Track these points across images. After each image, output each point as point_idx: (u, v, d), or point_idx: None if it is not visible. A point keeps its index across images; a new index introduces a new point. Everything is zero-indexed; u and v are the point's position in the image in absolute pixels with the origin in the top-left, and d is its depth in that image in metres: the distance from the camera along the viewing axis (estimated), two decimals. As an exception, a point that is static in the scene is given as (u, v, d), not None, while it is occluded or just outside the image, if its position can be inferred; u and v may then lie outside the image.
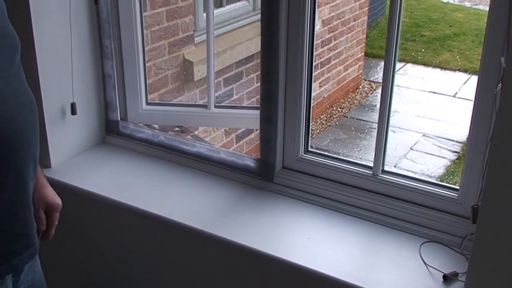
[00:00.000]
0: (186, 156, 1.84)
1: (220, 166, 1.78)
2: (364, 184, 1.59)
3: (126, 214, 1.68)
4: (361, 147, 4.46)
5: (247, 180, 1.73)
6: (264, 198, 1.67)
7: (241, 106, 3.27)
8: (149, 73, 2.99)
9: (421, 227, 1.51)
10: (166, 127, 2.41)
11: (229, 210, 1.63)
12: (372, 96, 5.32)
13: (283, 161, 1.71)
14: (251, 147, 3.87)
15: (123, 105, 1.96)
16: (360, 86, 5.50)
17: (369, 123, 4.84)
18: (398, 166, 4.15)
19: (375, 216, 1.56)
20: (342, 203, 1.60)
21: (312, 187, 1.65)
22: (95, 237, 1.81)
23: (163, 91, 3.18)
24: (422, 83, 5.42)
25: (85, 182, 1.75)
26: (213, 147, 1.83)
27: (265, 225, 1.56)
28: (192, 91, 3.38)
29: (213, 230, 1.54)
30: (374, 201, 1.57)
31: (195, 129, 3.21)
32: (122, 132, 1.95)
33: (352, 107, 5.14)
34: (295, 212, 1.61)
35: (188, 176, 1.79)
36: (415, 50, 6.01)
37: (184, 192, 1.71)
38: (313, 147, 1.71)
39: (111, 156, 1.90)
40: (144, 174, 1.81)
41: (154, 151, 1.89)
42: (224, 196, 1.68)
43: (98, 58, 1.87)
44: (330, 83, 5.04)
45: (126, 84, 1.93)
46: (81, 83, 1.85)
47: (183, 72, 3.29)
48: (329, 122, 4.90)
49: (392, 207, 1.55)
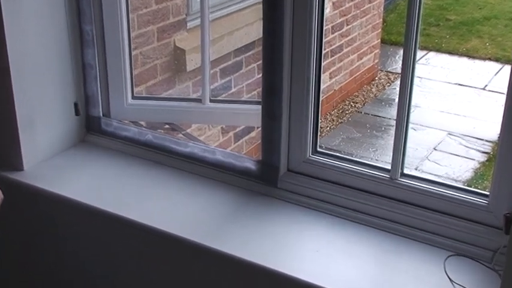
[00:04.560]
0: (178, 157, 1.84)
1: (216, 169, 1.78)
2: (380, 189, 1.59)
3: (108, 223, 1.68)
4: (377, 147, 4.46)
5: (247, 184, 1.73)
6: (266, 206, 1.67)
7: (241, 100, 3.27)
8: (135, 63, 2.99)
9: (445, 238, 1.50)
10: (154, 124, 2.41)
11: (226, 219, 1.63)
12: (389, 89, 5.32)
13: (288, 163, 1.71)
14: (251, 147, 3.87)
15: (106, 100, 1.96)
16: (376, 78, 5.49)
17: (386, 119, 4.84)
18: (420, 169, 4.15)
19: (392, 226, 1.56)
20: (355, 211, 1.60)
21: (321, 193, 1.65)
22: (73, 248, 1.82)
23: (152, 83, 3.18)
24: (447, 73, 5.42)
25: (62, 187, 1.75)
26: (208, 147, 1.84)
27: (268, 236, 1.56)
28: (184, 83, 3.38)
29: (209, 241, 1.54)
30: (392, 209, 1.57)
31: (188, 126, 3.21)
32: (104, 130, 1.96)
33: (367, 101, 5.14)
34: (301, 221, 1.61)
35: (180, 180, 1.79)
36: (439, 36, 6.01)
37: (175, 199, 1.71)
38: (323, 147, 1.71)
39: (92, 158, 1.90)
40: (130, 177, 1.81)
41: (141, 151, 1.89)
42: (221, 203, 1.68)
43: (77, 46, 1.87)
44: (342, 74, 5.03)
45: (109, 75, 1.92)
46: (58, 75, 1.85)
47: (174, 62, 3.29)
48: (341, 118, 4.89)
49: (413, 215, 1.55)
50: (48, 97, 1.84)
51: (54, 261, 1.87)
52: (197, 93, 3.38)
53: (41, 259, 1.89)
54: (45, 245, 1.86)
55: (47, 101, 1.84)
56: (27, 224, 1.86)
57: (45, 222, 1.82)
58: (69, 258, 1.84)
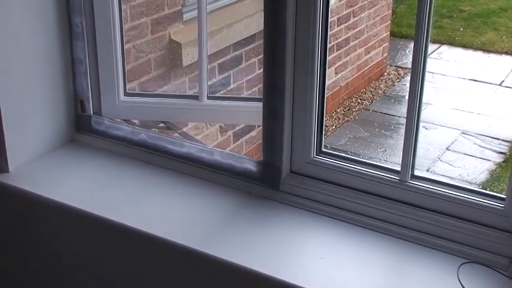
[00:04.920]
0: (173, 158, 1.84)
1: (215, 170, 1.78)
2: (389, 192, 1.60)
3: (99, 228, 1.68)
4: (386, 147, 4.46)
5: (247, 187, 1.73)
6: (267, 210, 1.67)
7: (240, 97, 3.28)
8: (128, 57, 2.99)
9: (459, 244, 1.50)
10: (148, 123, 2.41)
11: (224, 223, 1.63)
12: (399, 85, 5.32)
13: (291, 164, 1.71)
14: (252, 147, 3.87)
15: (97, 97, 1.96)
16: (385, 73, 5.50)
17: (395, 117, 4.84)
18: (432, 170, 4.15)
19: (402, 232, 1.56)
20: (363, 215, 1.60)
21: (326, 196, 1.65)
22: (61, 254, 1.82)
23: (145, 79, 3.18)
24: (460, 68, 5.42)
25: (49, 190, 1.75)
26: (205, 147, 1.84)
27: (269, 242, 1.56)
28: (180, 79, 3.38)
29: (206, 248, 1.54)
30: (402, 213, 1.57)
31: (184, 125, 3.21)
32: (94, 129, 1.96)
33: (375, 98, 5.15)
34: (305, 226, 1.61)
35: (175, 182, 1.79)
36: (452, 29, 6.01)
37: (170, 202, 1.71)
38: (328, 147, 1.72)
39: (82, 158, 1.90)
40: (122, 179, 1.81)
41: (134, 152, 1.90)
42: (219, 207, 1.68)
43: (65, 39, 1.87)
44: (349, 69, 5.04)
45: (100, 70, 1.92)
46: (46, 70, 1.85)
47: (169, 56, 3.29)
48: (347, 116, 4.90)
49: (424, 220, 1.55)
50: (34, 94, 1.84)
51: (41, 267, 1.87)
52: (194, 90, 3.38)
53: (28, 265, 1.89)
54: (32, 251, 1.86)
55: (33, 98, 1.84)
56: (12, 229, 1.86)
57: (32, 226, 1.82)
58: (57, 264, 1.84)
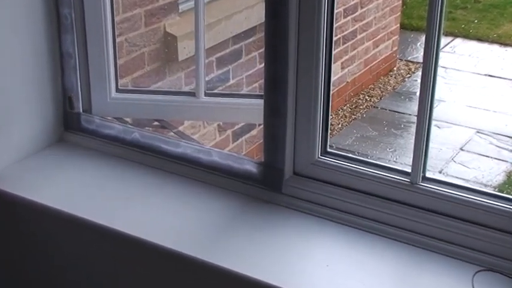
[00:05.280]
0: (168, 158, 1.84)
1: (212, 172, 1.78)
2: (399, 195, 1.60)
3: (89, 234, 1.68)
4: (396, 147, 4.46)
5: (247, 190, 1.73)
6: (269, 214, 1.67)
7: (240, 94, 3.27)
8: (120, 51, 3.00)
9: (474, 251, 1.51)
10: (142, 121, 2.41)
11: (224, 229, 1.63)
12: (409, 81, 5.32)
13: (294, 166, 1.71)
14: (252, 147, 3.87)
15: (87, 93, 1.96)
16: (395, 68, 5.49)
17: (406, 115, 4.84)
18: (445, 172, 4.15)
19: (413, 237, 1.56)
20: (371, 220, 1.60)
21: (332, 199, 1.65)
22: (49, 260, 1.82)
23: (139, 74, 3.18)
24: (475, 63, 5.42)
25: (37, 192, 1.76)
26: (202, 147, 1.84)
27: (271, 249, 1.56)
28: (175, 74, 3.38)
29: (204, 255, 1.54)
30: (412, 218, 1.57)
31: (180, 124, 3.21)
32: (84, 127, 1.96)
33: (384, 95, 5.14)
34: (309, 232, 1.61)
35: (170, 184, 1.79)
36: (467, 21, 6.01)
37: (165, 206, 1.72)
38: (333, 147, 1.72)
39: (71, 159, 1.90)
40: (113, 182, 1.81)
41: (126, 152, 1.90)
42: (217, 211, 1.69)
43: (53, 32, 1.87)
44: (356, 63, 5.03)
45: (90, 65, 1.93)
46: (32, 65, 1.85)
47: (164, 50, 3.29)
48: (354, 114, 4.90)
49: (437, 225, 1.55)
50: (20, 91, 1.85)
51: (27, 272, 1.87)
52: (190, 86, 3.38)
53: (13, 270, 1.89)
54: (17, 256, 1.86)
55: (18, 95, 1.85)
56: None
57: (18, 231, 1.82)
58: (45, 270, 1.84)
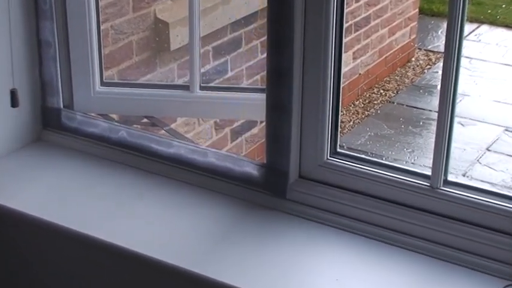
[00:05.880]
0: (159, 160, 1.84)
1: (209, 175, 1.78)
2: (418, 201, 1.60)
3: (70, 244, 1.69)
4: (414, 147, 4.46)
5: (247, 195, 1.73)
6: (272, 222, 1.67)
7: (240, 87, 3.27)
8: (105, 39, 2.99)
9: (502, 263, 1.50)
10: (129, 118, 2.41)
11: (222, 239, 1.63)
12: (429, 73, 5.32)
13: (300, 168, 1.71)
14: (253, 147, 3.87)
15: (68, 87, 1.96)
16: (413, 58, 5.49)
17: (425, 111, 4.84)
18: (469, 175, 4.15)
19: (434, 248, 1.56)
20: (386, 229, 1.60)
21: (342, 205, 1.65)
22: (24, 275, 1.82)
23: (126, 65, 3.18)
24: (503, 53, 5.41)
25: (11, 198, 1.75)
26: (197, 147, 1.84)
27: (275, 261, 1.56)
28: (167, 65, 3.38)
29: (199, 268, 1.54)
30: (432, 226, 1.57)
31: (172, 121, 3.21)
32: (65, 125, 1.96)
33: (401, 89, 5.14)
34: (317, 242, 1.61)
35: (162, 189, 1.79)
36: (493, 5, 6.00)
37: (156, 214, 1.72)
38: (344, 147, 1.72)
39: (50, 161, 1.90)
40: (98, 186, 1.81)
41: (112, 153, 1.90)
42: (215, 219, 1.69)
43: (31, 18, 1.87)
44: (369, 53, 5.03)
45: (71, 55, 1.93)
46: (6, 55, 1.84)
47: (154, 38, 3.29)
48: (367, 110, 4.89)
49: (460, 234, 1.55)
50: (-7, 83, 1.85)
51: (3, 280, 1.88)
52: (184, 79, 3.38)
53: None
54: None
55: (-8, 89, 1.85)
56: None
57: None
58: (22, 283, 1.85)
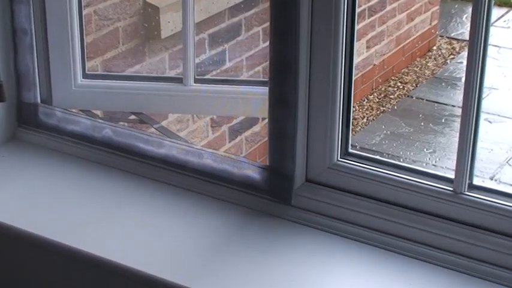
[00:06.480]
0: (148, 161, 1.84)
1: (204, 178, 1.78)
2: (439, 208, 1.59)
3: (48, 255, 1.69)
4: (436, 148, 4.46)
5: (247, 201, 1.74)
6: (275, 231, 1.67)
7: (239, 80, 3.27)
8: (88, 26, 3.00)
9: (533, 278, 1.51)
10: (115, 114, 2.41)
11: (219, 251, 1.63)
12: (453, 64, 5.31)
13: (307, 171, 1.71)
14: (254, 147, 3.87)
15: (46, 79, 1.96)
16: (434, 47, 5.49)
17: (448, 107, 4.83)
18: (497, 178, 4.14)
19: (457, 261, 1.55)
20: (404, 239, 1.60)
21: (354, 212, 1.65)
22: None
23: (111, 55, 3.18)
24: (536, 41, 5.41)
25: (-17, 205, 1.76)
26: (192, 147, 1.84)
27: (278, 275, 1.56)
28: (157, 55, 3.38)
29: (195, 283, 1.54)
30: (456, 236, 1.57)
31: (163, 117, 3.21)
32: (42, 122, 1.96)
33: (420, 81, 5.14)
34: (325, 254, 1.61)
35: (152, 194, 1.79)
36: (525, -12, 6.00)
37: (145, 222, 1.72)
38: (356, 147, 1.72)
39: (25, 162, 1.91)
40: (79, 191, 1.81)
41: (95, 153, 1.90)
42: (211, 228, 1.69)
43: (4, 2, 1.88)
44: (385, 41, 5.03)
45: (50, 44, 1.93)
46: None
47: (142, 25, 3.29)
48: (383, 105, 4.89)
49: (486, 245, 1.54)
50: (-38, 75, 1.85)
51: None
52: (176, 70, 3.38)
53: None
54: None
55: (-39, 81, 1.85)
56: None
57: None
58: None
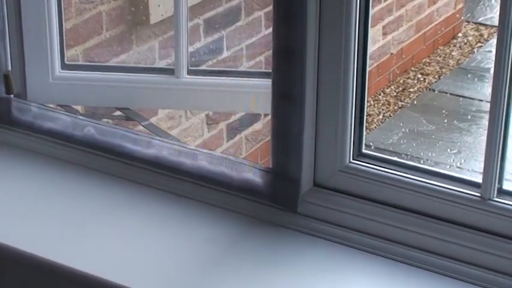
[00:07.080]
0: (136, 163, 1.85)
1: (199, 182, 1.79)
2: (465, 216, 1.60)
3: (27, 272, 1.69)
4: (461, 148, 4.46)
5: (248, 208, 1.74)
6: (279, 242, 1.67)
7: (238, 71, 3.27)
8: (67, 10, 3.00)
9: None
10: (98, 110, 2.41)
11: (217, 263, 1.64)
12: (480, 53, 5.32)
13: (315, 174, 1.71)
14: (256, 147, 3.87)
15: (20, 70, 1.97)
16: (460, 34, 5.49)
17: (475, 102, 4.84)
18: (530, 182, 4.14)
19: (485, 276, 1.56)
20: (423, 251, 1.61)
21: (367, 221, 1.65)
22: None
23: (94, 43, 3.19)
24: None
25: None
26: (185, 147, 1.84)
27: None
28: (146, 43, 3.38)
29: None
30: (483, 248, 1.57)
31: (153, 114, 3.22)
32: (16, 119, 1.97)
33: (443, 73, 5.14)
34: (335, 266, 1.61)
35: (140, 200, 1.80)
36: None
37: (132, 232, 1.72)
38: (371, 147, 1.72)
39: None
40: (57, 196, 1.82)
41: (76, 154, 1.90)
42: (207, 239, 1.69)
43: (-28, -17, 1.88)
44: (404, 27, 5.03)
45: (24, 31, 1.93)
46: None
47: (129, 9, 3.29)
48: (401, 100, 4.89)
49: (519, 258, 1.55)
50: None
51: None
52: (167, 60, 3.38)
53: None
54: None
55: None
56: None
57: None
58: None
